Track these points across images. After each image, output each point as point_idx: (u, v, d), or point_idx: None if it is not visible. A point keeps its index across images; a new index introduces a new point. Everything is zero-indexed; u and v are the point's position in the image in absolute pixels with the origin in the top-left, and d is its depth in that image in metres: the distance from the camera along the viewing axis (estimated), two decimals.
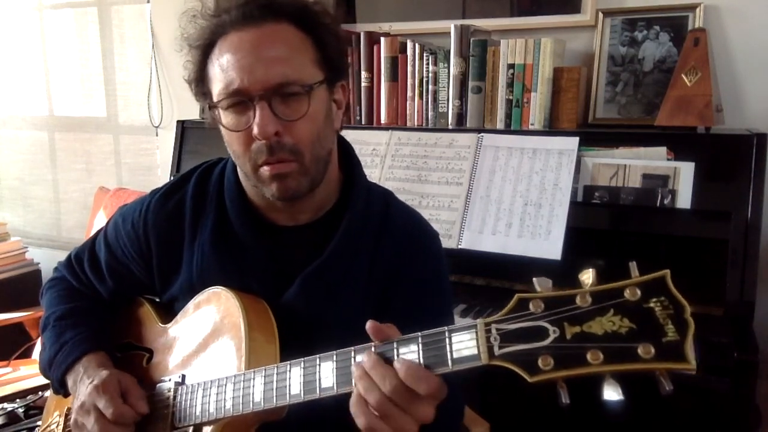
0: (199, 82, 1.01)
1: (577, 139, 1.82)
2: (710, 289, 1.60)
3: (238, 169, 1.07)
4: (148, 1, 2.90)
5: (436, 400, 0.79)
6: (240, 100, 0.94)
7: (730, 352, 1.44)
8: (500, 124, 2.03)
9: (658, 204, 1.73)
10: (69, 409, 1.17)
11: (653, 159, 1.76)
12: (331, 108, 1.03)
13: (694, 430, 1.57)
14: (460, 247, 1.84)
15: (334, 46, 1.02)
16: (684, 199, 1.70)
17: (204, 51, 0.98)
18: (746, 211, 1.62)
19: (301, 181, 0.98)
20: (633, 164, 1.77)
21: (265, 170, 0.96)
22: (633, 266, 0.69)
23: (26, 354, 2.47)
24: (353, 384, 0.81)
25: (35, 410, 2.05)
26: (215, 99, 0.97)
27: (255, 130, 0.93)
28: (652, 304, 0.67)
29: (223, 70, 0.95)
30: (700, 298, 1.56)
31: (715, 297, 1.59)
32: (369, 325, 0.82)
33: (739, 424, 1.46)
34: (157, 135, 3.02)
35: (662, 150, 1.76)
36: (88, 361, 1.10)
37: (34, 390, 2.16)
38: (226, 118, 0.97)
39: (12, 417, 2.03)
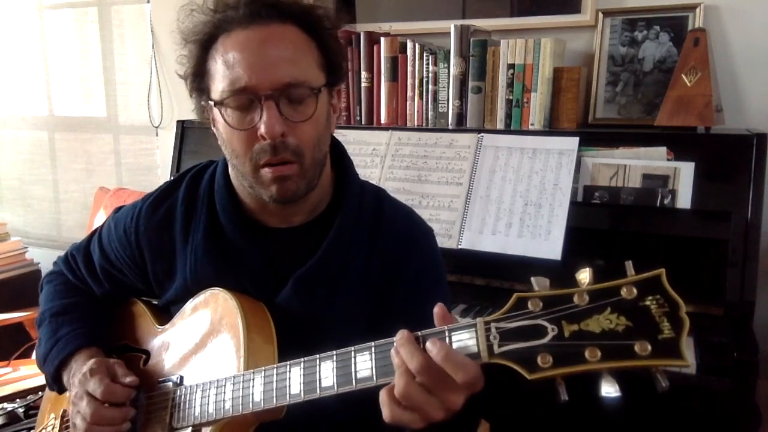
0: (197, 77, 1.00)
1: (577, 139, 1.82)
2: (710, 289, 1.60)
3: (231, 170, 1.06)
4: (148, 1, 2.90)
5: (470, 390, 0.77)
6: (246, 98, 0.93)
7: (730, 352, 1.44)
8: (500, 124, 2.03)
9: (658, 204, 1.73)
10: (65, 411, 1.16)
11: (653, 159, 1.76)
12: (330, 112, 1.03)
13: (694, 430, 1.57)
14: (460, 247, 1.84)
15: (336, 50, 1.02)
16: (684, 199, 1.70)
17: (204, 46, 0.97)
18: (746, 211, 1.62)
19: (300, 183, 0.98)
20: (633, 164, 1.77)
21: (267, 172, 0.96)
22: (629, 265, 0.70)
23: (26, 354, 2.47)
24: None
25: (35, 410, 2.04)
26: (218, 96, 0.95)
27: (262, 129, 0.92)
28: (648, 302, 0.68)
29: (228, 67, 0.93)
30: (700, 297, 1.58)
31: (715, 297, 1.59)
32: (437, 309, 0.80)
33: (739, 424, 1.46)
34: (157, 135, 3.02)
35: (662, 150, 1.76)
36: (80, 357, 1.10)
37: (34, 390, 2.16)
38: (228, 116, 0.95)
39: (12, 417, 2.04)
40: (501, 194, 1.85)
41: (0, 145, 3.58)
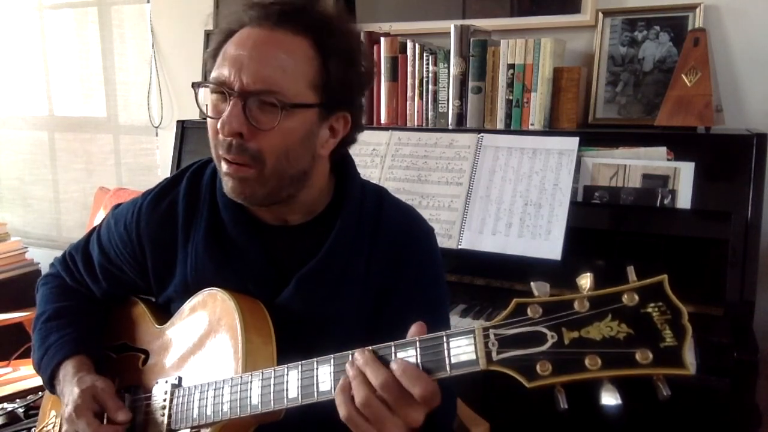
0: (208, 65, 1.02)
1: (577, 139, 1.81)
2: (710, 289, 1.60)
3: None
4: (148, 1, 2.89)
5: (428, 406, 0.78)
6: (221, 90, 0.95)
7: (730, 352, 1.44)
8: (500, 124, 2.03)
9: (658, 204, 1.73)
10: None
11: (653, 159, 1.76)
12: (316, 133, 0.98)
13: (694, 430, 1.57)
14: (460, 247, 1.84)
15: (343, 76, 0.98)
16: (684, 199, 1.70)
17: (224, 37, 0.99)
18: (746, 211, 1.62)
19: (257, 189, 0.97)
20: (633, 164, 1.77)
21: (224, 165, 0.97)
22: (630, 270, 0.69)
23: (26, 354, 2.47)
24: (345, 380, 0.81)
25: (35, 410, 2.05)
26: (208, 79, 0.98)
27: (218, 123, 0.94)
28: (649, 309, 0.67)
29: (223, 58, 0.96)
30: (700, 298, 1.58)
31: (715, 297, 1.59)
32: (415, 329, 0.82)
33: (739, 424, 1.46)
34: (157, 135, 3.02)
35: (662, 150, 1.76)
36: (67, 367, 1.10)
37: (34, 390, 2.16)
38: (210, 100, 0.98)
39: (12, 417, 2.04)
40: (501, 194, 1.85)
41: (0, 145, 3.58)
